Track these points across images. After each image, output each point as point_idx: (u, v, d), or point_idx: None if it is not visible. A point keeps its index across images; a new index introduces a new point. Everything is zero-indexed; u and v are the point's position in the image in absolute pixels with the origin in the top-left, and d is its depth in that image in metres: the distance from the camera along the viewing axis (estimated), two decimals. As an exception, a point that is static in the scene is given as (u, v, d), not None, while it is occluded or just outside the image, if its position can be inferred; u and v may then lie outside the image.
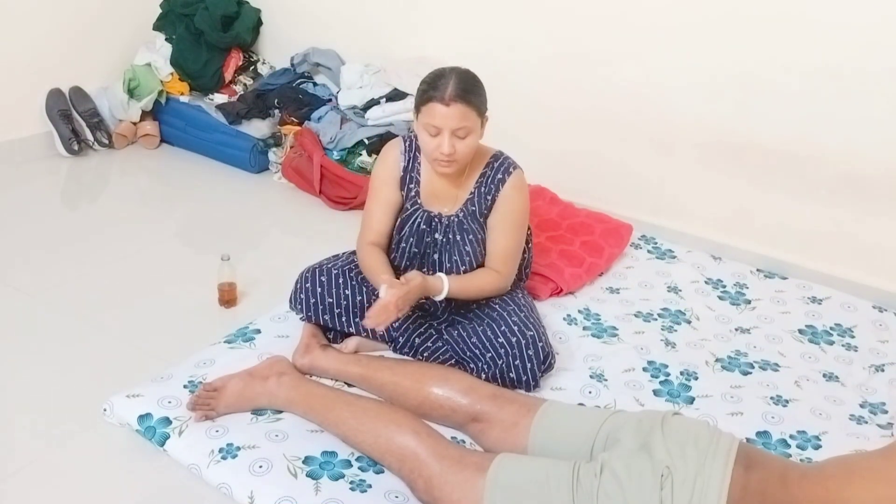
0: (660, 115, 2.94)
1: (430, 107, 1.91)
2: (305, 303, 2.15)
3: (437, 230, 2.11)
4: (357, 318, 2.15)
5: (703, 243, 2.96)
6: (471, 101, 1.92)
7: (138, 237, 2.96)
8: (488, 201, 2.08)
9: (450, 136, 1.92)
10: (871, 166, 2.62)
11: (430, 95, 1.91)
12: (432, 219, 2.11)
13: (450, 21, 3.32)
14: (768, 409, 2.10)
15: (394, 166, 2.12)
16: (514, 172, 2.10)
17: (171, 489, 1.80)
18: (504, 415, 1.83)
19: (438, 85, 1.91)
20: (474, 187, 2.09)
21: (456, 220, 2.10)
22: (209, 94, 3.74)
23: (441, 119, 1.90)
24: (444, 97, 1.89)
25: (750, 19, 2.67)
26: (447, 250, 2.12)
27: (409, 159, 2.12)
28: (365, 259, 2.11)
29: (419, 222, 2.11)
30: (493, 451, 1.79)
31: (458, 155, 1.95)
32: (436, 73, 1.96)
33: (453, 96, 1.89)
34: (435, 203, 2.12)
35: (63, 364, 2.21)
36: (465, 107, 1.91)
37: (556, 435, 1.74)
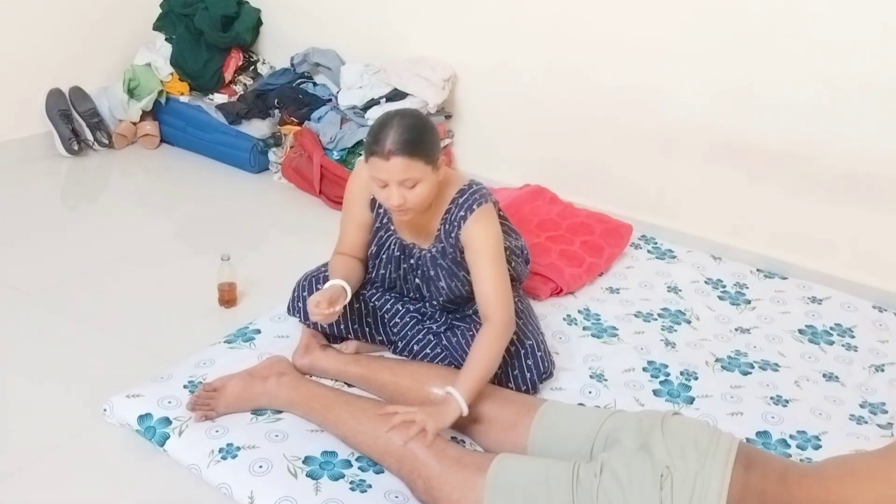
0: (660, 115, 2.94)
1: (372, 161, 1.82)
2: (303, 310, 2.15)
3: (411, 257, 2.07)
4: (355, 324, 2.15)
5: (703, 243, 2.96)
6: (413, 153, 1.79)
7: (138, 237, 2.96)
8: (453, 239, 1.98)
9: (397, 188, 1.82)
10: (872, 167, 2.62)
11: (372, 149, 1.81)
12: (405, 247, 2.06)
13: (450, 21, 3.32)
14: (768, 409, 2.10)
15: (365, 186, 2.01)
16: (477, 210, 1.94)
17: (171, 489, 1.80)
18: (504, 415, 1.83)
19: (379, 138, 1.79)
20: (440, 224, 2.00)
21: (429, 255, 2.04)
22: (209, 94, 3.74)
23: (384, 173, 1.80)
24: (383, 152, 1.78)
25: (750, 22, 2.67)
26: (424, 282, 2.09)
27: None
28: (332, 264, 2.09)
29: (393, 249, 2.07)
30: (493, 451, 1.79)
31: (410, 204, 1.85)
32: (380, 121, 1.85)
33: (393, 150, 1.77)
34: (408, 234, 2.06)
35: (63, 364, 2.21)
36: (407, 159, 1.78)
37: (556, 435, 1.74)
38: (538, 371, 2.03)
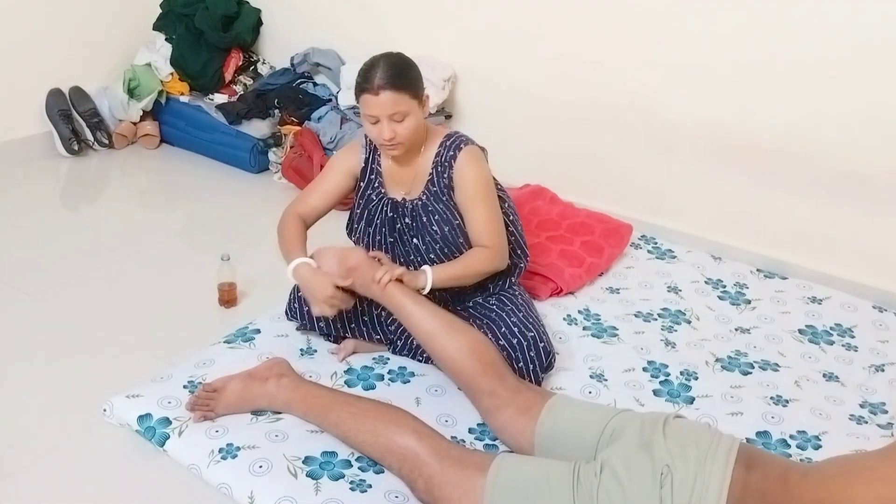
0: (660, 115, 2.94)
1: (364, 98, 1.96)
2: (301, 311, 2.17)
3: (404, 215, 2.13)
4: (352, 322, 2.16)
5: (703, 243, 2.96)
6: (400, 87, 1.95)
7: (138, 237, 2.96)
8: (446, 180, 2.08)
9: (388, 122, 1.96)
10: (872, 166, 2.62)
11: (363, 87, 1.97)
12: (397, 205, 2.13)
13: (449, 21, 3.32)
14: (768, 409, 2.10)
15: (354, 157, 2.16)
16: (465, 148, 2.07)
17: (171, 489, 1.79)
18: (520, 399, 1.86)
19: (367, 75, 1.96)
20: (431, 168, 2.10)
21: (420, 202, 2.11)
22: (209, 94, 3.74)
23: (374, 108, 1.95)
24: (372, 87, 1.94)
25: (750, 20, 2.67)
26: (419, 233, 2.12)
27: (370, 152, 2.16)
28: (285, 224, 2.15)
29: (386, 210, 2.13)
30: (501, 430, 1.84)
31: (401, 137, 1.99)
32: (367, 63, 2.01)
33: (382, 84, 1.93)
34: (397, 188, 2.14)
35: (63, 364, 2.21)
36: (395, 93, 1.94)
37: (564, 425, 1.75)
38: (540, 362, 2.05)
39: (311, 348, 2.23)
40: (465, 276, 2.08)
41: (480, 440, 1.94)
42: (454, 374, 1.98)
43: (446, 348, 1.94)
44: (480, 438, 1.95)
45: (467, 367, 1.92)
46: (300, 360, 2.16)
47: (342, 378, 2.12)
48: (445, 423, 1.98)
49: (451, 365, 1.95)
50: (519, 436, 1.80)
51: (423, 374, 2.16)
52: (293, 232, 2.13)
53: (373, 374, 2.15)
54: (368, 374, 2.15)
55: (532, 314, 2.16)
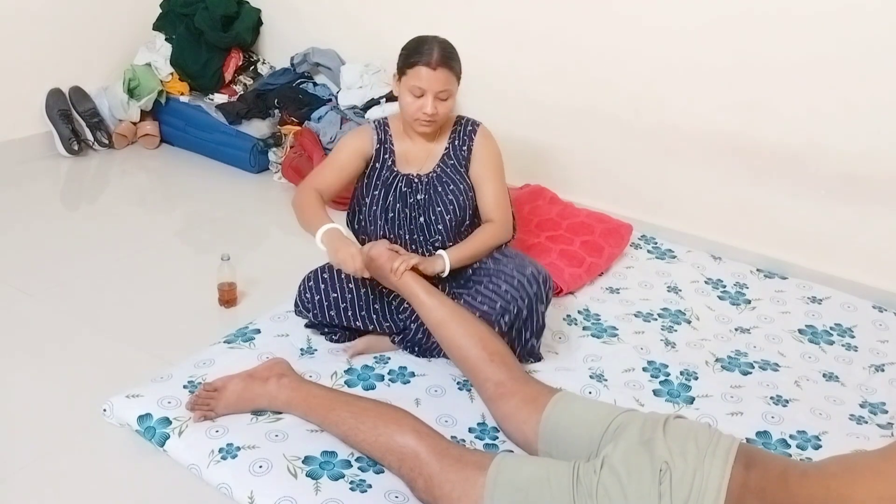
0: (660, 115, 2.94)
1: (417, 70, 2.04)
2: (311, 302, 2.17)
3: (418, 191, 2.19)
4: (363, 311, 2.16)
5: (703, 243, 2.96)
6: (453, 68, 2.07)
7: (138, 237, 2.96)
8: (465, 152, 2.21)
9: (433, 98, 2.05)
10: (872, 166, 2.62)
11: (417, 59, 2.04)
12: (412, 181, 2.19)
13: (449, 21, 3.32)
14: (768, 409, 2.10)
15: (366, 140, 2.21)
16: (481, 126, 2.26)
17: (171, 489, 1.79)
18: (528, 389, 1.88)
19: (423, 50, 2.04)
20: (448, 142, 2.22)
21: (434, 175, 2.20)
22: (209, 94, 3.74)
23: (427, 82, 2.04)
24: (430, 62, 2.03)
25: (751, 19, 2.67)
26: (430, 206, 2.19)
27: (382, 133, 2.22)
28: (304, 197, 2.15)
29: (400, 186, 2.19)
30: (505, 419, 1.87)
31: (439, 116, 2.09)
32: (418, 39, 2.10)
33: (439, 61, 2.03)
34: (409, 166, 2.22)
35: (63, 364, 2.21)
36: (449, 72, 2.06)
37: (570, 419, 1.76)
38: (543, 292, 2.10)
39: (312, 348, 2.24)
40: (478, 254, 2.19)
41: (480, 440, 1.95)
42: (461, 362, 2.01)
43: (455, 335, 2.00)
44: (480, 438, 1.95)
45: (474, 354, 1.96)
46: (300, 360, 2.16)
47: (342, 378, 2.12)
48: (445, 423, 1.98)
49: (459, 352, 1.99)
50: (523, 425, 1.82)
51: (423, 375, 2.16)
52: (314, 202, 2.15)
53: (373, 374, 2.15)
54: (368, 374, 2.15)
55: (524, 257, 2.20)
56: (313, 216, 2.11)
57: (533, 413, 1.81)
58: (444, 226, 2.19)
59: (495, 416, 1.94)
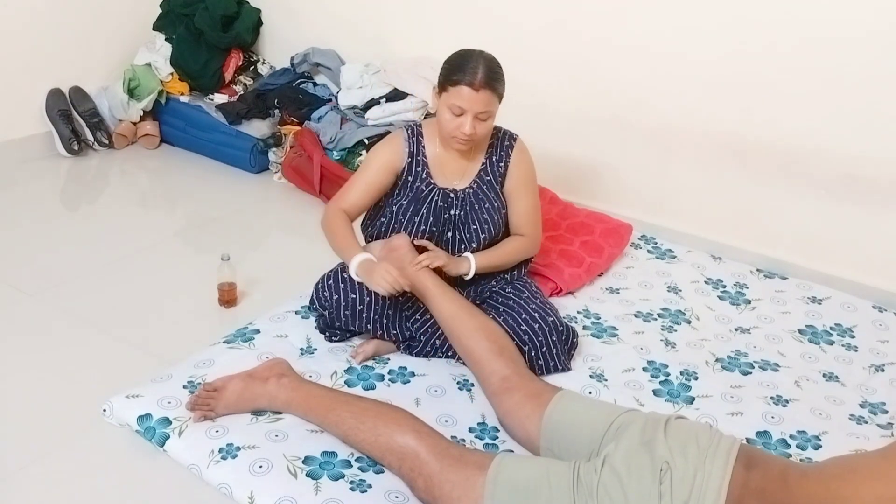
0: (660, 114, 2.94)
1: (459, 89, 1.97)
2: (329, 300, 2.15)
3: (452, 206, 2.17)
4: (376, 314, 2.15)
5: (703, 243, 2.96)
6: (496, 89, 2.01)
7: (138, 237, 2.96)
8: (501, 169, 2.20)
9: (472, 118, 2.00)
10: (872, 167, 2.62)
11: (461, 78, 1.97)
12: (447, 195, 2.17)
13: (450, 21, 3.32)
14: (768, 409, 2.11)
15: (396, 152, 2.17)
16: (518, 140, 2.24)
17: (171, 489, 1.80)
18: (532, 386, 1.90)
19: (468, 69, 1.97)
20: (485, 158, 2.19)
21: (471, 191, 2.18)
22: (209, 94, 3.74)
23: (468, 102, 1.98)
24: (474, 82, 1.96)
25: (751, 19, 2.67)
26: (464, 223, 2.18)
27: (414, 144, 2.18)
28: (335, 221, 2.14)
29: (436, 200, 2.16)
30: (507, 413, 1.88)
31: (477, 136, 2.05)
32: (463, 54, 2.02)
33: (483, 83, 1.96)
34: (446, 179, 2.18)
35: (63, 364, 2.21)
36: (492, 94, 1.99)
37: (572, 418, 1.76)
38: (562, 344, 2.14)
39: (311, 348, 2.23)
40: (504, 264, 2.22)
41: (480, 439, 1.94)
42: (468, 354, 2.04)
43: (463, 329, 2.04)
44: (480, 438, 1.95)
45: (482, 347, 2.00)
46: (300, 360, 2.16)
47: (342, 378, 2.12)
48: (445, 423, 1.98)
49: (468, 342, 2.03)
50: (526, 420, 1.82)
51: (423, 375, 2.16)
52: (342, 227, 2.14)
53: (373, 374, 2.15)
54: (368, 373, 2.15)
55: (547, 301, 2.25)
56: (345, 245, 2.11)
57: (536, 409, 1.81)
58: (478, 243, 2.19)
59: (498, 412, 1.94)
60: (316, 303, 2.21)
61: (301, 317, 2.35)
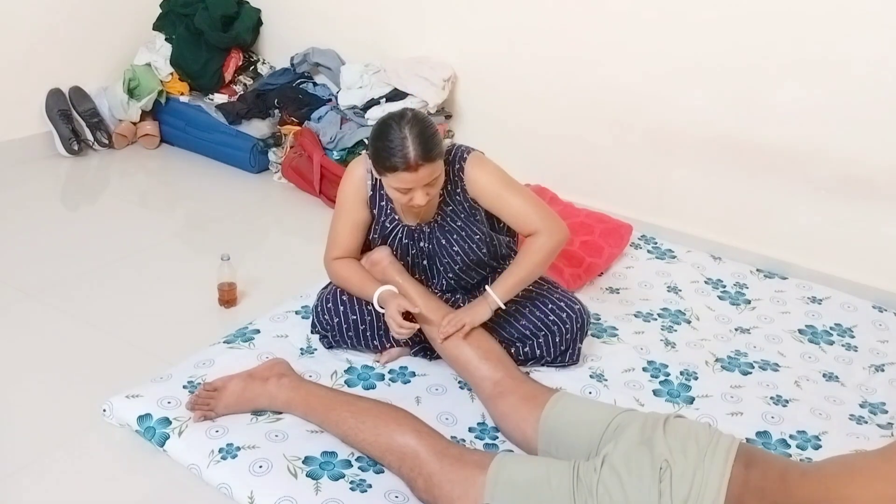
0: (660, 115, 2.94)
1: (397, 175, 1.82)
2: (329, 324, 2.15)
3: (421, 240, 2.09)
4: (380, 331, 2.15)
5: (703, 243, 2.96)
6: (435, 157, 1.84)
7: (138, 237, 2.96)
8: (460, 195, 2.03)
9: (422, 190, 1.86)
10: (872, 167, 2.62)
11: (394, 164, 1.80)
12: (413, 231, 2.08)
13: (449, 21, 3.32)
14: (768, 409, 2.11)
15: (360, 186, 2.05)
16: (468, 157, 2.00)
17: (171, 489, 1.79)
18: (526, 387, 1.90)
19: (397, 152, 1.79)
20: (442, 190, 2.01)
21: (436, 224, 2.07)
22: (209, 94, 3.74)
23: (412, 182, 1.83)
24: (409, 164, 1.79)
25: (751, 19, 2.67)
26: (437, 257, 2.11)
27: (375, 179, 2.04)
28: (342, 271, 2.10)
29: (401, 237, 2.09)
30: (504, 417, 1.88)
31: (432, 197, 1.92)
32: (386, 132, 1.83)
33: (419, 160, 1.80)
34: (411, 216, 2.06)
35: (63, 364, 2.21)
36: (431, 164, 1.83)
37: (570, 419, 1.77)
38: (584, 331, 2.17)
39: (311, 348, 2.23)
40: (530, 276, 2.05)
41: (480, 439, 1.95)
42: (456, 363, 2.03)
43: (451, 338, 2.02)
44: (480, 437, 1.95)
45: (469, 353, 2.00)
46: (300, 360, 2.16)
47: (342, 378, 2.13)
48: (446, 422, 1.98)
49: (454, 351, 2.02)
50: (522, 423, 1.82)
51: (423, 374, 2.16)
52: (351, 269, 2.09)
53: (373, 373, 2.15)
54: (368, 373, 2.15)
55: (567, 290, 2.26)
56: (360, 285, 2.07)
57: (532, 411, 1.81)
58: (455, 274, 2.12)
59: (494, 415, 1.94)
60: (318, 326, 2.20)
61: (301, 317, 2.35)
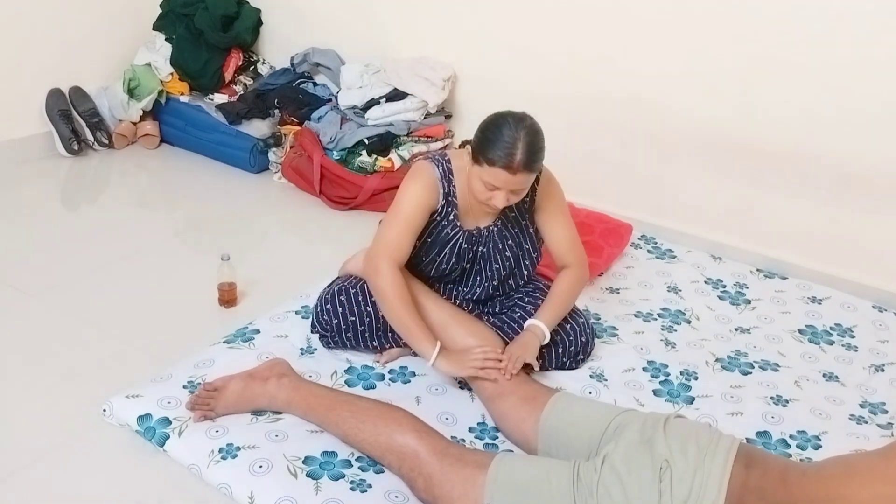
0: (660, 115, 2.94)
1: (494, 171, 1.82)
2: (329, 324, 2.15)
3: (477, 244, 2.09)
4: (379, 331, 2.15)
5: (703, 243, 2.96)
6: (535, 170, 1.86)
7: (138, 237, 2.96)
8: (528, 203, 2.07)
9: (507, 193, 1.87)
10: (872, 167, 2.62)
11: (496, 159, 1.80)
12: (472, 236, 2.08)
13: (449, 21, 3.32)
14: (768, 409, 2.11)
15: (433, 193, 2.01)
16: (544, 169, 2.03)
17: (171, 489, 1.79)
18: (525, 388, 1.90)
19: (506, 150, 1.79)
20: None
21: (495, 229, 2.09)
22: (209, 94, 3.74)
23: (503, 183, 1.84)
24: (511, 165, 1.79)
25: (751, 19, 2.67)
26: (487, 259, 2.12)
27: (447, 185, 2.02)
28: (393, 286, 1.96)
29: (461, 243, 2.07)
30: (503, 417, 1.89)
31: (511, 204, 1.93)
32: (502, 125, 1.83)
33: (521, 166, 1.80)
34: (471, 219, 2.07)
35: (63, 364, 2.20)
36: (530, 174, 1.85)
37: (569, 419, 1.77)
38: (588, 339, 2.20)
39: (311, 348, 2.23)
40: (567, 308, 2.14)
41: (480, 439, 1.95)
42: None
43: (456, 337, 2.04)
44: (480, 437, 1.95)
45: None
46: (300, 360, 2.16)
47: (342, 377, 2.13)
48: (446, 422, 1.98)
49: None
50: (522, 423, 1.82)
51: (423, 374, 2.16)
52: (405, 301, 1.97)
53: (373, 373, 2.15)
54: (368, 373, 2.15)
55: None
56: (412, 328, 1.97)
57: (532, 412, 1.81)
58: (498, 278, 2.13)
59: (493, 416, 1.94)
60: (317, 327, 2.20)
61: (301, 317, 2.35)
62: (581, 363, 2.20)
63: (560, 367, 2.17)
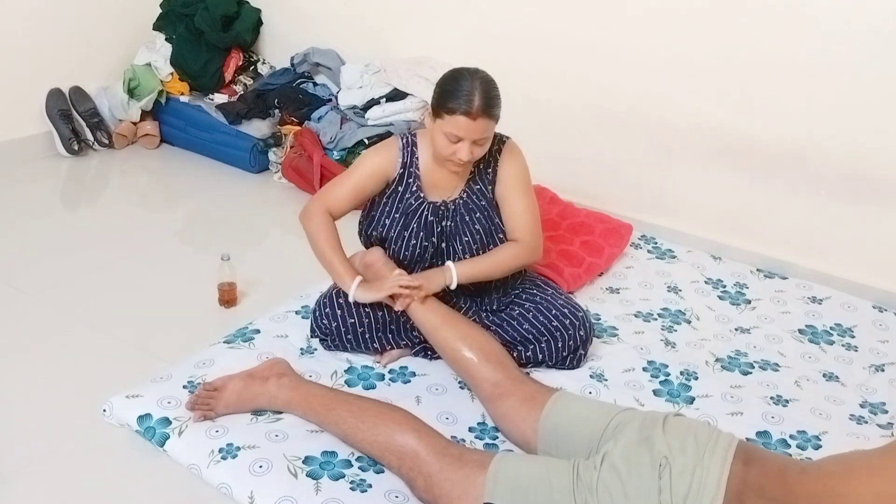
0: (660, 114, 2.94)
1: (455, 119, 1.89)
2: (328, 328, 2.16)
3: (444, 217, 2.12)
4: (379, 332, 2.16)
5: (703, 243, 2.96)
6: (494, 115, 1.93)
7: (138, 237, 2.96)
8: (490, 175, 2.11)
9: (470, 145, 1.93)
10: (872, 167, 2.62)
11: (456, 106, 1.88)
12: (438, 208, 2.11)
13: (449, 21, 3.32)
14: (768, 409, 2.11)
15: (389, 163, 2.09)
16: (507, 142, 2.13)
17: (171, 489, 1.80)
18: (525, 388, 1.90)
19: (463, 96, 1.87)
20: (473, 166, 2.10)
21: (461, 202, 2.11)
22: (209, 94, 3.74)
23: (465, 131, 1.90)
24: (471, 111, 1.87)
25: (751, 19, 2.67)
26: (456, 234, 2.12)
27: (408, 155, 2.10)
28: (320, 230, 2.06)
29: (426, 214, 2.11)
30: (503, 418, 1.88)
31: (475, 158, 1.98)
32: (457, 77, 1.92)
33: (480, 111, 1.88)
34: (436, 192, 2.12)
35: (63, 364, 2.21)
36: (490, 120, 1.92)
37: (569, 418, 1.77)
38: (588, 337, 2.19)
39: (311, 348, 2.23)
40: (492, 274, 2.13)
41: (480, 439, 1.95)
42: (456, 364, 2.03)
43: (448, 338, 2.03)
44: (480, 437, 1.95)
45: (468, 356, 1.98)
46: (300, 360, 2.16)
47: (342, 377, 2.13)
48: (446, 422, 1.98)
49: (453, 354, 2.01)
50: (522, 424, 1.82)
51: (423, 374, 2.16)
52: (331, 240, 2.07)
53: (373, 373, 2.15)
54: (368, 373, 2.15)
55: (571, 297, 2.30)
56: (333, 265, 2.06)
57: (531, 412, 1.81)
58: (472, 254, 2.12)
59: (493, 416, 1.94)
60: (317, 331, 2.20)
61: (301, 317, 2.35)
62: (582, 360, 2.19)
63: (560, 363, 2.17)
